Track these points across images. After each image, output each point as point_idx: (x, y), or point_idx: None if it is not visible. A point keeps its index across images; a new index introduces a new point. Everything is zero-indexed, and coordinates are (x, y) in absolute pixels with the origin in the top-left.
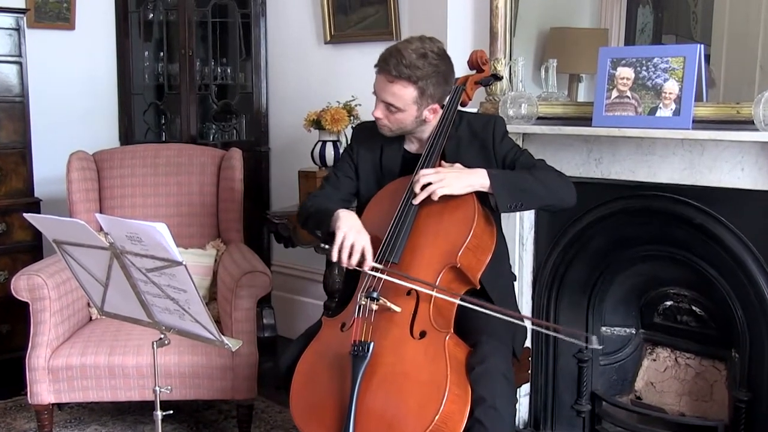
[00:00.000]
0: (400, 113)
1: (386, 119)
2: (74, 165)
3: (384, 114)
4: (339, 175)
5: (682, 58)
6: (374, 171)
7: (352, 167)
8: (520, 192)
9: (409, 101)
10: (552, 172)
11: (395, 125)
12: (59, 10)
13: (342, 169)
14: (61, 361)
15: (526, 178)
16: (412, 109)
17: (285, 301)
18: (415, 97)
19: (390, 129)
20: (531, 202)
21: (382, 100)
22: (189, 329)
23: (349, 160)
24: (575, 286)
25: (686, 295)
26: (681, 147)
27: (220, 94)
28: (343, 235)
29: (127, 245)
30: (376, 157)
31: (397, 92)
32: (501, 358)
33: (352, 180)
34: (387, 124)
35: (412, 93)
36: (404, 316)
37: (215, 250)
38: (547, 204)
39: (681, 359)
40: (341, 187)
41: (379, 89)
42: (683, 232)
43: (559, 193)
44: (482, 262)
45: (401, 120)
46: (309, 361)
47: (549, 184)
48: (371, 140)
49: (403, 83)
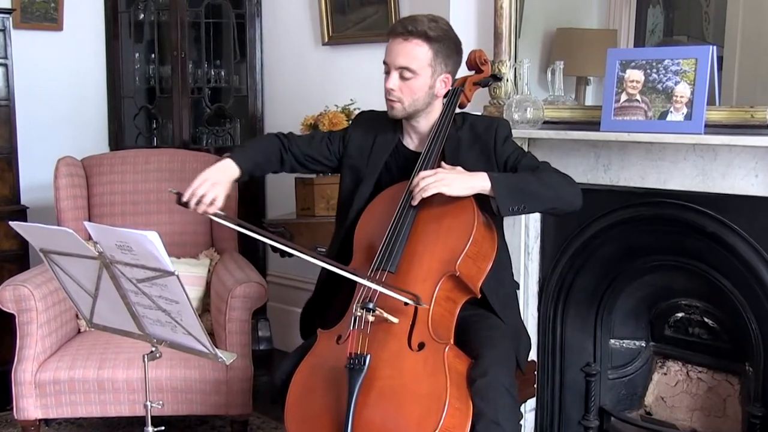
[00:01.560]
0: (415, 79)
1: (399, 90)
2: (62, 171)
3: (398, 83)
4: (324, 138)
5: (693, 60)
6: (360, 158)
7: (338, 146)
8: (522, 194)
9: (424, 63)
10: (556, 174)
11: (409, 97)
12: (46, 10)
13: (331, 139)
14: (48, 375)
15: (528, 180)
16: (427, 73)
17: (281, 312)
18: (430, 58)
19: (402, 105)
20: (534, 204)
21: (395, 66)
22: (181, 342)
23: (341, 139)
24: (582, 296)
25: (698, 307)
26: (692, 152)
27: (213, 98)
28: (200, 182)
29: (117, 255)
30: (368, 145)
31: (411, 52)
32: (504, 371)
33: (329, 153)
34: (400, 97)
35: (427, 53)
36: (402, 327)
37: (209, 259)
38: (552, 207)
39: (693, 373)
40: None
41: (392, 54)
42: (695, 240)
43: (563, 195)
44: (483, 271)
45: (416, 89)
46: (304, 375)
47: (553, 185)
48: (367, 128)
49: (418, 41)
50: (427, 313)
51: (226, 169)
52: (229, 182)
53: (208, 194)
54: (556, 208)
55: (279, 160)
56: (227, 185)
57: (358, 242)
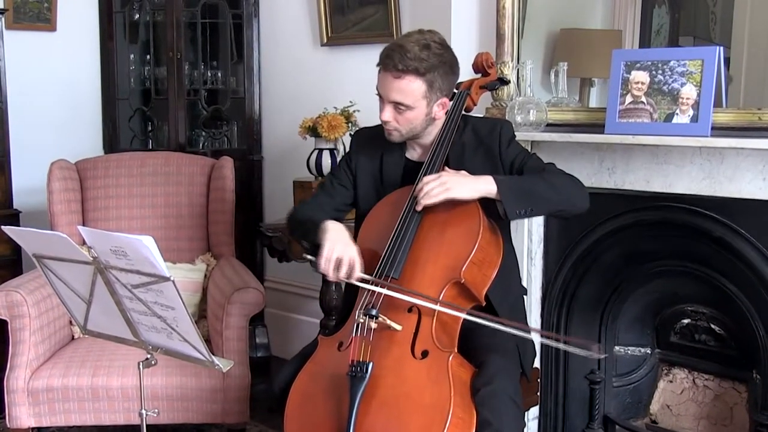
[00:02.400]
0: (410, 111)
1: (395, 121)
2: (55, 174)
3: (393, 116)
4: (334, 182)
5: (700, 61)
6: (374, 181)
7: (348, 176)
8: (529, 197)
9: (419, 96)
10: (562, 175)
11: (405, 127)
12: (39, 10)
13: (338, 177)
14: (41, 383)
15: (535, 182)
16: (422, 105)
17: (279, 319)
18: (424, 92)
19: (400, 133)
20: (541, 207)
21: (389, 100)
22: (177, 349)
23: (347, 168)
24: (587, 303)
25: (705, 313)
26: (699, 155)
27: (210, 100)
28: (330, 247)
29: (112, 260)
30: (377, 165)
31: (405, 88)
32: (508, 379)
33: (347, 189)
34: (396, 127)
35: (420, 87)
36: (405, 334)
37: (205, 264)
38: (559, 209)
39: (699, 381)
40: (335, 196)
41: (385, 89)
42: (701, 245)
43: (570, 197)
44: (488, 278)
45: (411, 120)
46: (304, 383)
47: (560, 187)
48: (371, 147)
49: (410, 77)
50: (430, 320)
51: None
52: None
53: (344, 257)
54: (563, 211)
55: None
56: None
57: (361, 249)
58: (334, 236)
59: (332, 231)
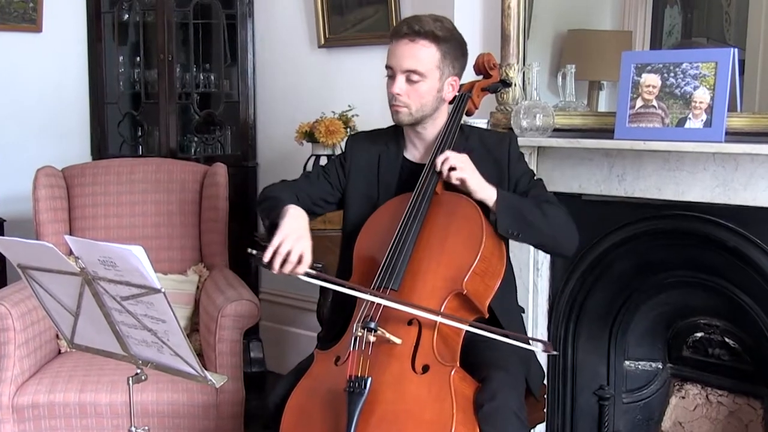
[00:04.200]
0: (423, 82)
1: (406, 95)
2: (41, 182)
3: (404, 88)
4: (320, 175)
5: (713, 63)
6: (368, 182)
7: (338, 176)
8: (523, 223)
9: (433, 64)
10: (562, 214)
11: (416, 102)
12: (24, 10)
13: (327, 172)
14: (26, 399)
15: (534, 212)
16: (435, 76)
17: (274, 332)
18: (438, 60)
19: (409, 110)
20: (530, 235)
21: (402, 69)
22: (168, 363)
23: (339, 167)
24: (595, 315)
25: (718, 326)
26: (712, 162)
27: (202, 104)
28: (281, 239)
29: (100, 270)
30: (373, 165)
31: (419, 53)
32: (513, 395)
33: (331, 187)
34: (407, 102)
35: (435, 54)
36: (405, 348)
37: (197, 275)
38: (544, 244)
39: (712, 396)
40: (314, 185)
41: (397, 57)
42: (715, 255)
43: (560, 237)
44: (491, 288)
45: (423, 93)
46: (300, 399)
47: (554, 225)
48: (368, 147)
49: (425, 42)
50: (431, 333)
51: (297, 216)
52: (309, 230)
53: (293, 252)
54: (546, 247)
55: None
56: (309, 235)
57: (358, 259)
58: (289, 226)
59: (290, 218)
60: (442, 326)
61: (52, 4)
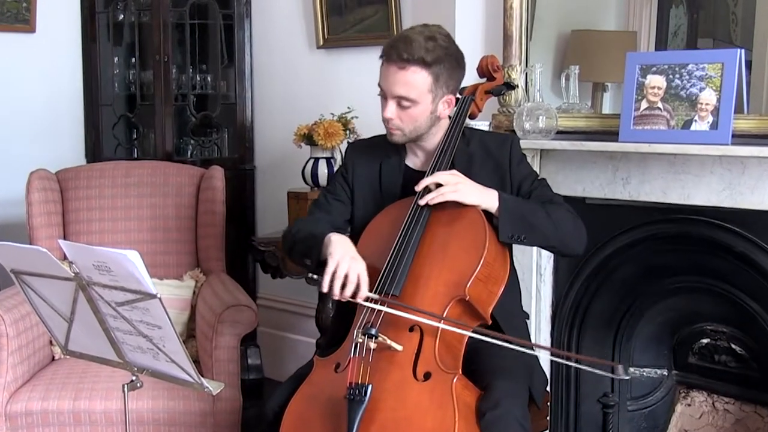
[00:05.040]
0: (415, 107)
1: (398, 119)
2: (35, 185)
3: (396, 113)
4: (330, 198)
5: (720, 64)
6: (372, 191)
7: (345, 190)
8: (525, 224)
9: (424, 90)
10: (567, 214)
11: (409, 125)
12: (17, 10)
13: (333, 192)
14: (20, 407)
15: (537, 213)
16: (427, 100)
17: (272, 338)
18: (429, 85)
19: (403, 132)
20: (535, 238)
21: (392, 95)
22: (164, 370)
23: (343, 181)
24: (599, 321)
25: (725, 332)
26: (719, 165)
27: (199, 106)
28: (336, 263)
29: (95, 276)
30: (375, 174)
31: (409, 80)
32: (516, 403)
33: (344, 204)
34: (399, 126)
35: (426, 79)
36: (406, 355)
37: (194, 281)
38: (551, 245)
39: (719, 404)
40: (332, 212)
41: (388, 82)
42: (721, 260)
43: (566, 236)
44: (494, 295)
45: (416, 117)
46: (299, 407)
47: (560, 225)
48: (368, 156)
49: (415, 68)
50: (433, 340)
51: (342, 241)
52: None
53: (350, 273)
54: (554, 248)
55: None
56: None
57: None
58: (341, 250)
59: (338, 244)
60: (444, 333)
61: (45, 4)
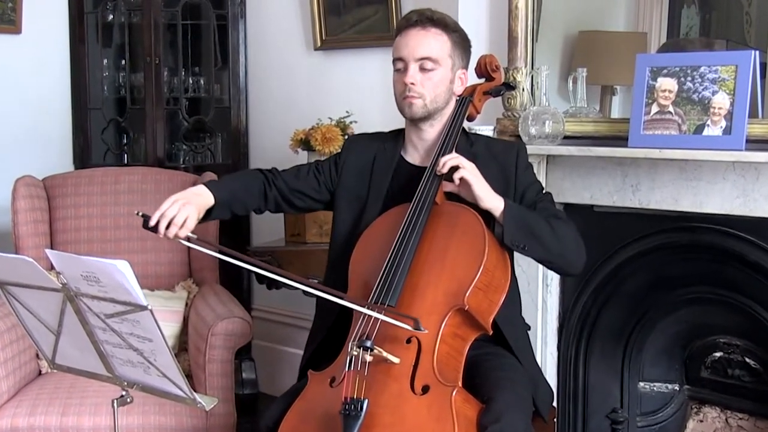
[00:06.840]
0: (437, 70)
1: (421, 84)
2: (21, 192)
3: (418, 77)
4: (311, 170)
5: (733, 66)
6: (359, 182)
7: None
8: (530, 235)
9: (446, 52)
10: (571, 230)
11: (430, 92)
12: (3, 10)
13: (319, 169)
14: (5, 423)
15: (542, 226)
16: (448, 64)
17: (267, 351)
18: (450, 48)
19: (423, 101)
20: (535, 251)
21: (415, 58)
22: (155, 385)
23: (333, 165)
24: (608, 334)
25: (738, 345)
26: (732, 171)
27: (191, 109)
28: (170, 204)
29: (83, 286)
30: (367, 165)
31: (432, 41)
32: (519, 417)
33: (318, 184)
34: (421, 92)
35: (446, 43)
36: (404, 368)
37: (186, 292)
38: (550, 260)
39: (732, 420)
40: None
41: (409, 46)
42: (735, 271)
43: (568, 254)
44: (495, 304)
45: (438, 82)
46: (294, 422)
47: (562, 240)
48: (364, 148)
49: (437, 30)
50: (432, 352)
51: (199, 194)
52: (202, 207)
53: (178, 215)
54: (553, 264)
55: (262, 195)
56: (199, 208)
57: (354, 273)
58: (180, 195)
59: (186, 191)
60: (443, 345)
61: (32, 4)
